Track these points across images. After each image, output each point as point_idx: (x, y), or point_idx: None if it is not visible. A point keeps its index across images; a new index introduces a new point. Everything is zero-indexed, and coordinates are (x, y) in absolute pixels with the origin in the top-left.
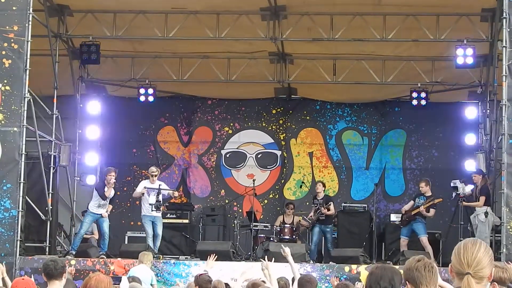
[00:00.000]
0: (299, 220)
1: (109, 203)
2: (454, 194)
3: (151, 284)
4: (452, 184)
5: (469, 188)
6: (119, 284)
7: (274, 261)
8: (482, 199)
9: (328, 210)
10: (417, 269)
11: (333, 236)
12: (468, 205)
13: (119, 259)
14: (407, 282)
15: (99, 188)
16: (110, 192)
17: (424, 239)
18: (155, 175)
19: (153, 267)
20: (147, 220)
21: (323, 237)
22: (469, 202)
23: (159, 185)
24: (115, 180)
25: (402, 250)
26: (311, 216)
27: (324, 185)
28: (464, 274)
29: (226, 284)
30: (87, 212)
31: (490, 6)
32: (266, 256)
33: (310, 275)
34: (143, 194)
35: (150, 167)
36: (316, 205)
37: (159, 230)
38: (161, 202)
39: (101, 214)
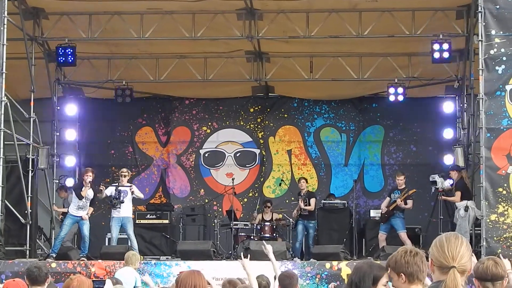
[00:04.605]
0: (279, 218)
1: (89, 205)
2: (433, 189)
3: (134, 287)
4: (430, 179)
5: (448, 183)
6: (102, 287)
7: (255, 260)
8: (458, 194)
9: (309, 205)
10: (415, 264)
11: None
12: (447, 199)
13: (99, 261)
14: (402, 274)
15: (76, 188)
16: (86, 192)
17: (403, 234)
18: (124, 175)
19: None
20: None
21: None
22: (448, 197)
23: (130, 187)
24: (91, 180)
25: (382, 245)
26: (295, 212)
27: (306, 181)
28: (449, 268)
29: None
30: (67, 215)
31: (465, 2)
32: (242, 254)
33: (291, 271)
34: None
35: (122, 168)
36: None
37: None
38: (120, 200)
39: (81, 217)
